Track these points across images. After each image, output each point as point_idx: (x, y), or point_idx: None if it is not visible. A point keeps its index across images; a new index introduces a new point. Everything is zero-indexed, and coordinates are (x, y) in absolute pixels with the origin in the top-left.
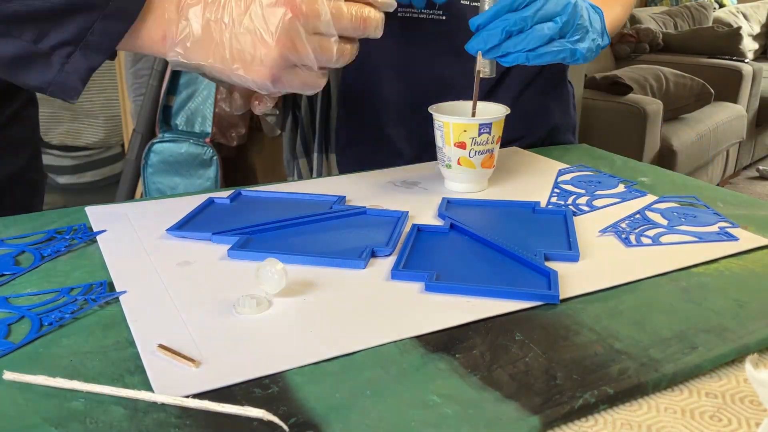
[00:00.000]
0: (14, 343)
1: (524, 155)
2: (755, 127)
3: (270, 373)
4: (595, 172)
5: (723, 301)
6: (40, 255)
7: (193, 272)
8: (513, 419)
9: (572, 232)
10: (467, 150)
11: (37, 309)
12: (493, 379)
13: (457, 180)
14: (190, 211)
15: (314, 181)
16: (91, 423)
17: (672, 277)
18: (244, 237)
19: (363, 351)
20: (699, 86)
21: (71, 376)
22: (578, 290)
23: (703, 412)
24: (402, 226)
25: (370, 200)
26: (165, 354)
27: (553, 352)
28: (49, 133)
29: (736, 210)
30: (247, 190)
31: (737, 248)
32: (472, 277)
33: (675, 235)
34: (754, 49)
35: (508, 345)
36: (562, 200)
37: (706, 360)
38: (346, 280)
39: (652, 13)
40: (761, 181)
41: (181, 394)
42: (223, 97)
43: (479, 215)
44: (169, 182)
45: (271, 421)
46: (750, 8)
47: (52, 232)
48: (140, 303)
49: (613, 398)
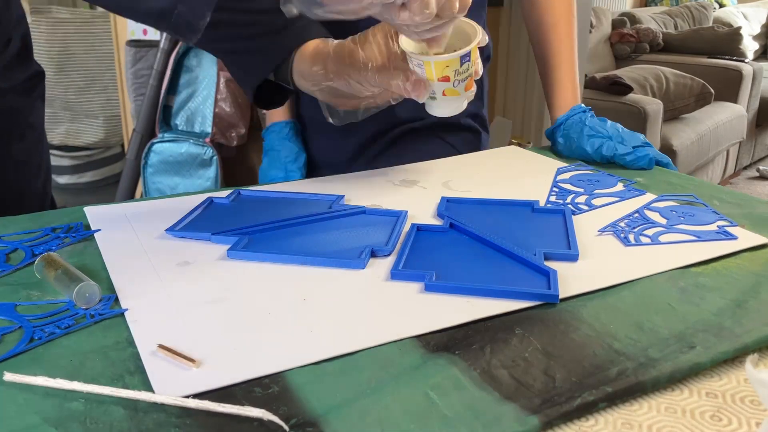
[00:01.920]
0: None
1: (523, 154)
2: (755, 127)
3: (270, 373)
4: (593, 171)
5: (721, 300)
6: (31, 253)
7: (192, 272)
8: (512, 419)
9: (571, 231)
10: (451, 82)
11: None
12: (492, 378)
13: (442, 107)
14: (189, 211)
15: (313, 180)
16: (91, 423)
17: (671, 276)
18: (244, 237)
19: (363, 351)
20: (699, 86)
21: (71, 376)
22: (577, 289)
23: (703, 412)
24: (401, 226)
25: (369, 200)
26: (165, 354)
27: (552, 352)
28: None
29: (734, 208)
30: (247, 190)
31: (735, 247)
32: (471, 276)
33: (674, 234)
34: (754, 49)
35: (508, 345)
36: (561, 199)
37: (705, 358)
38: (346, 280)
39: (652, 13)
40: (761, 181)
41: (181, 394)
42: (223, 97)
43: (479, 214)
44: (169, 182)
45: (271, 421)
46: (750, 8)
47: (48, 230)
48: (140, 303)
49: (612, 397)
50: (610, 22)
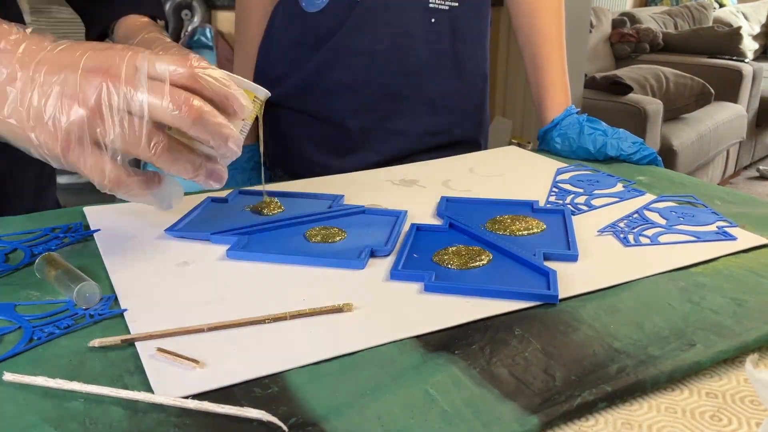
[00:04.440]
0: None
1: (523, 154)
2: (755, 127)
3: (270, 373)
4: (593, 171)
5: (721, 299)
6: (30, 253)
7: (192, 272)
8: (512, 419)
9: (571, 231)
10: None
11: (35, 321)
12: (492, 377)
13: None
14: (188, 211)
15: (313, 180)
16: (91, 423)
17: (670, 276)
18: (244, 237)
19: (363, 351)
20: (699, 86)
21: (71, 376)
22: (577, 290)
23: (703, 412)
24: (401, 226)
25: (368, 199)
26: (165, 357)
27: (551, 352)
28: None
29: (734, 208)
30: (246, 190)
31: (735, 247)
32: (471, 276)
33: (673, 234)
34: (754, 49)
35: (507, 345)
36: (561, 199)
37: (705, 357)
38: (346, 280)
39: (652, 13)
40: (761, 181)
41: (180, 394)
42: None
43: (479, 214)
44: None
45: (270, 421)
46: (750, 8)
47: (47, 230)
48: (139, 303)
49: (612, 396)
50: (610, 22)
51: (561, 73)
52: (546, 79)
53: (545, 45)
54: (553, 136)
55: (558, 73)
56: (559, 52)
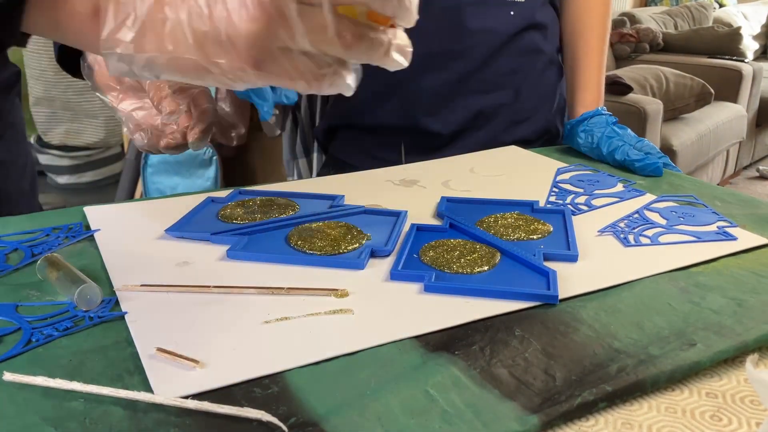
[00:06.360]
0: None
1: (523, 154)
2: (755, 127)
3: (270, 373)
4: (593, 171)
5: (721, 300)
6: (31, 253)
7: (192, 272)
8: (512, 418)
9: (571, 231)
10: None
11: (35, 322)
12: (492, 377)
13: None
14: (189, 211)
15: (313, 180)
16: (91, 423)
17: (671, 276)
18: (244, 237)
19: (363, 351)
20: (699, 86)
21: (71, 376)
22: (577, 290)
23: (703, 412)
24: (401, 226)
25: (368, 199)
26: (165, 357)
27: (552, 352)
28: (49, 133)
29: (734, 209)
30: (247, 190)
31: (736, 248)
32: (471, 277)
33: (674, 234)
34: (754, 49)
35: (508, 346)
36: (561, 199)
37: (705, 357)
38: (346, 280)
39: (652, 13)
40: (761, 181)
41: (180, 394)
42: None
43: (479, 214)
44: (169, 182)
45: (270, 421)
46: (750, 8)
47: (47, 230)
48: (139, 303)
49: (612, 396)
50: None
51: (598, 75)
52: (584, 76)
53: (590, 43)
54: (578, 131)
55: (596, 74)
56: (600, 53)
